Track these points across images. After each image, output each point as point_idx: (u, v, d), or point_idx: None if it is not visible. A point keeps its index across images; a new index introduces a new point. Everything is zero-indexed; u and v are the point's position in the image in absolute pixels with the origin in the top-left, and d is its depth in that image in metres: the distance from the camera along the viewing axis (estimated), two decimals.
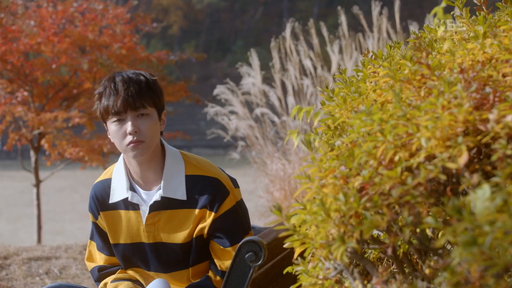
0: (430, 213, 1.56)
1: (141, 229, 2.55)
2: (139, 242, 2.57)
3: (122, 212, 2.57)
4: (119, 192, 2.56)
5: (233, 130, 7.71)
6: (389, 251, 1.62)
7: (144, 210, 2.53)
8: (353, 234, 1.61)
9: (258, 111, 7.56)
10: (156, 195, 2.50)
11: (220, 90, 7.81)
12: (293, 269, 2.01)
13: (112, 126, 2.45)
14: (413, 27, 7.16)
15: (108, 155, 8.10)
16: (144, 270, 2.62)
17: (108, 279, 2.65)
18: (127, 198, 2.54)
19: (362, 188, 1.66)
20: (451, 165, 1.50)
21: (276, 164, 7.22)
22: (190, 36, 35.30)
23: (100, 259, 2.68)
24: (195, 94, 8.72)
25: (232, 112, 7.89)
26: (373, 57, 2.14)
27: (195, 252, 2.53)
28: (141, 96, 2.42)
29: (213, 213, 2.48)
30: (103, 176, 2.66)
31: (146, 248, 2.56)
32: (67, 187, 17.61)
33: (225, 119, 7.76)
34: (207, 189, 2.49)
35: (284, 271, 2.07)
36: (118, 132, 2.44)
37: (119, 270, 2.66)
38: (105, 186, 2.61)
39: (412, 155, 1.62)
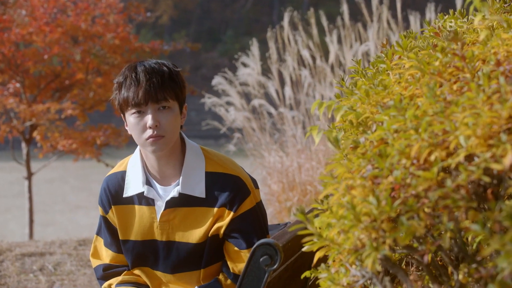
0: (467, 218, 1.44)
1: (155, 226, 2.43)
2: (151, 240, 2.44)
3: (136, 207, 2.45)
4: (134, 185, 2.44)
5: (229, 122, 7.58)
6: (425, 258, 1.50)
7: (160, 206, 2.41)
8: (385, 240, 1.48)
9: (255, 102, 7.43)
10: (173, 191, 2.39)
11: (217, 81, 7.67)
12: (310, 274, 1.90)
13: (131, 118, 2.32)
14: (413, 17, 7.04)
15: (101, 147, 7.95)
16: (151, 269, 2.49)
17: (113, 281, 2.52)
18: (142, 192, 2.41)
19: (391, 190, 1.54)
20: (495, 166, 1.37)
21: (274, 156, 7.10)
22: (180, 26, 35.05)
23: (106, 256, 2.55)
24: (188, 85, 8.58)
25: (228, 103, 7.75)
26: (394, 47, 2.02)
27: (208, 253, 2.42)
28: (163, 88, 2.29)
29: (232, 213, 2.37)
30: (117, 168, 2.52)
31: (158, 246, 2.44)
32: (57, 178, 17.46)
33: (221, 110, 7.63)
34: (228, 187, 2.37)
35: (302, 276, 1.95)
36: (137, 125, 2.31)
37: (125, 272, 2.53)
38: (119, 178, 2.48)
39: (448, 155, 1.49)
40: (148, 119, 2.28)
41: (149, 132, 2.29)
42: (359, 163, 1.61)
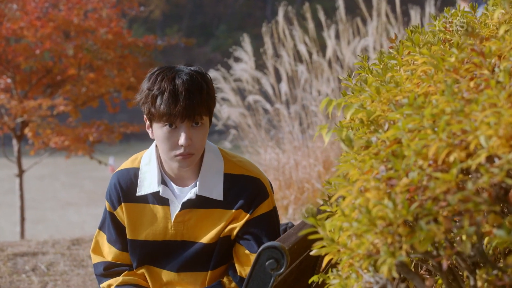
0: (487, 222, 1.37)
1: (169, 226, 2.35)
2: (163, 240, 2.37)
3: (149, 206, 2.36)
4: (148, 184, 2.35)
5: (224, 118, 7.49)
6: (445, 265, 1.42)
7: (176, 206, 2.34)
8: (401, 245, 1.41)
9: (250, 98, 7.34)
10: (190, 192, 2.31)
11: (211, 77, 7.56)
12: (318, 278, 1.83)
13: (160, 131, 2.23)
14: (414, 11, 6.95)
15: (94, 144, 7.85)
16: (156, 268, 2.42)
17: (113, 281, 2.44)
18: (157, 192, 2.33)
19: (406, 192, 1.46)
20: None
21: (270, 153, 7.01)
22: (173, 20, 34.90)
23: (109, 252, 2.46)
24: None
25: (223, 99, 7.66)
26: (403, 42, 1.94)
27: (218, 254, 2.35)
28: (201, 106, 2.19)
29: (248, 215, 2.31)
30: (130, 164, 2.43)
31: (170, 246, 2.37)
32: (48, 174, 17.35)
33: (216, 106, 7.53)
34: (248, 189, 2.31)
35: (310, 281, 1.88)
36: (168, 140, 2.22)
37: (125, 272, 2.45)
38: (131, 175, 2.39)
39: (468, 156, 1.42)
40: (182, 137, 2.20)
41: (180, 149, 2.22)
42: (371, 164, 1.53)
